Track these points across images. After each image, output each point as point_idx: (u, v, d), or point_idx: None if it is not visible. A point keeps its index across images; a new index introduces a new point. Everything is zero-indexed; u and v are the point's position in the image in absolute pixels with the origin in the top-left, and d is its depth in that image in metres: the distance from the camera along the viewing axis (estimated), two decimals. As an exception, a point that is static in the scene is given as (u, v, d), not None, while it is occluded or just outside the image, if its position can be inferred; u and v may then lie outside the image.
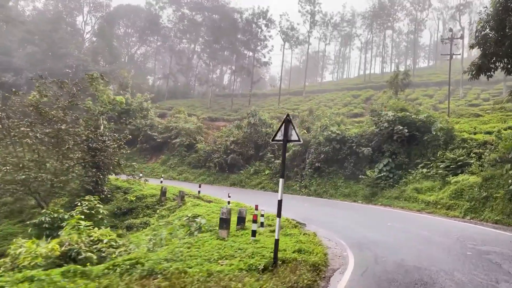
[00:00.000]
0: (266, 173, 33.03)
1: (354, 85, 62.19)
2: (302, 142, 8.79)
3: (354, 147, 28.64)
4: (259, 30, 58.16)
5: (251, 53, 60.26)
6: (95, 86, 20.73)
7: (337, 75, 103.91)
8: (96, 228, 11.46)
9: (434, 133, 25.47)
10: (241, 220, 12.50)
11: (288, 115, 8.13)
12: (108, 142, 20.38)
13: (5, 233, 16.27)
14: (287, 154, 32.80)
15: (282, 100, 58.93)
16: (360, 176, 26.78)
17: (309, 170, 30.23)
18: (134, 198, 18.91)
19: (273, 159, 33.43)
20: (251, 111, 34.49)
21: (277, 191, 28.03)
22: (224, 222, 11.06)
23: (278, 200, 7.76)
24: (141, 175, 23.41)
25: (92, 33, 62.07)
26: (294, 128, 7.75)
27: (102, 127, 20.61)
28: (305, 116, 36.21)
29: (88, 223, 11.66)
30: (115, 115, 21.05)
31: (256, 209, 14.59)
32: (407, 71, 36.18)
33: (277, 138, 7.86)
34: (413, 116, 27.18)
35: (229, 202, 17.62)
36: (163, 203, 18.22)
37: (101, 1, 72.10)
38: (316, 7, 60.27)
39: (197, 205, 17.51)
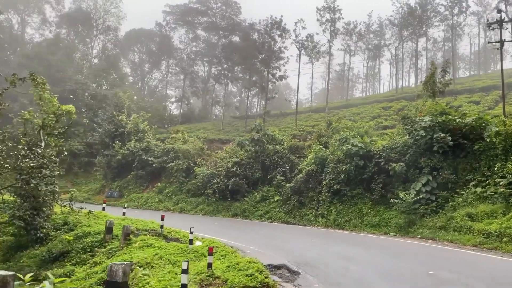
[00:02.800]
0: (275, 199, 27.91)
1: (385, 97, 56.52)
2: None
3: (382, 163, 23.18)
4: (273, 42, 54.24)
5: (266, 69, 56.22)
6: (38, 94, 16.93)
7: (366, 92, 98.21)
8: None
9: (488, 140, 19.70)
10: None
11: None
12: (49, 164, 16.22)
13: None
14: (299, 176, 27.74)
15: (301, 118, 54.05)
16: (392, 200, 21.21)
17: (327, 194, 24.88)
18: (71, 238, 14.36)
19: (283, 182, 28.33)
20: (256, 125, 29.77)
21: (288, 222, 22.83)
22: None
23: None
24: (80, 206, 19.14)
25: (96, 56, 60.71)
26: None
27: (43, 144, 16.51)
28: (322, 130, 31.11)
29: None
30: (61, 129, 17.01)
31: (210, 253, 9.63)
32: (447, 61, 30.52)
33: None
34: (457, 120, 21.57)
35: (191, 241, 12.67)
36: (106, 244, 13.53)
37: (109, 24, 71.25)
38: (337, 14, 55.98)
39: (148, 246, 12.70)
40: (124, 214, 19.36)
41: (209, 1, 77.46)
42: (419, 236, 18.05)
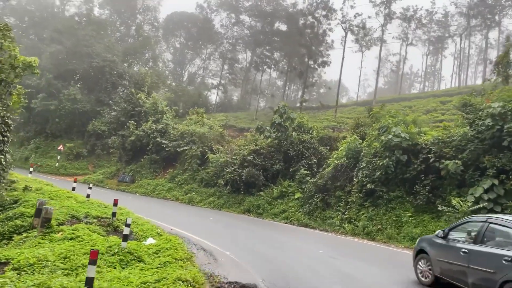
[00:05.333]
0: (296, 197, 23.74)
1: (444, 92, 49.86)
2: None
3: (431, 160, 18.36)
4: (316, 23, 49.42)
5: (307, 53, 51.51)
6: (4, 40, 14.13)
7: (423, 86, 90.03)
8: None
9: None
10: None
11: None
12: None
13: None
14: (326, 170, 23.39)
15: (344, 111, 49.01)
16: (441, 208, 16.49)
17: (358, 194, 20.37)
18: (-3, 219, 11.22)
19: (308, 178, 24.07)
20: (279, 107, 25.63)
21: (307, 225, 18.37)
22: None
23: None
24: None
25: (132, 35, 59.22)
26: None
27: (-5, 102, 13.61)
28: (360, 119, 26.41)
29: None
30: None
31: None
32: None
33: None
34: (539, 107, 16.27)
35: (124, 236, 9.02)
36: (34, 230, 10.23)
37: (148, 4, 69.87)
38: (394, -5, 50.05)
39: (72, 238, 9.24)
40: (88, 196, 16.09)
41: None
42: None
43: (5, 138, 14.11)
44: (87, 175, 41.43)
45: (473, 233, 8.63)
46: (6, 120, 14.22)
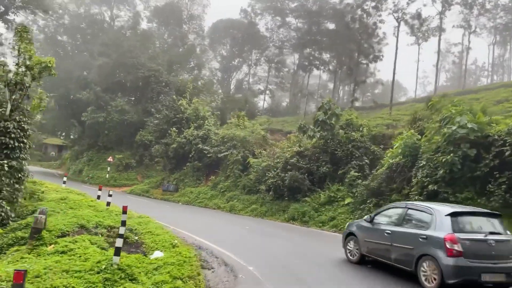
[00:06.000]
0: (346, 202, 21.37)
1: (516, 82, 44.56)
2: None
3: (507, 154, 15.43)
4: (365, 15, 46.33)
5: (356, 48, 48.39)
6: (22, 42, 13.55)
7: (491, 80, 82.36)
8: None
9: None
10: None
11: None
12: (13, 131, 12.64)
13: None
14: (379, 171, 20.84)
15: (402, 108, 45.36)
16: (523, 211, 13.52)
17: (418, 198, 17.65)
18: (2, 231, 10.28)
19: (359, 180, 21.63)
20: (323, 104, 23.41)
21: None
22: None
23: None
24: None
25: (177, 45, 59.70)
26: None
27: (9, 106, 12.97)
28: (418, 112, 23.53)
29: None
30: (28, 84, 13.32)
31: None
32: None
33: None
34: None
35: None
36: (33, 240, 9.11)
37: (193, 13, 70.45)
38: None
39: (63, 252, 7.94)
40: (108, 204, 14.97)
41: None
42: None
43: (21, 144, 13.44)
44: (135, 185, 41.62)
45: (394, 217, 10.29)
46: (23, 125, 13.56)
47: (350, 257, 11.31)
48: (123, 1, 71.05)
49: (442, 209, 9.27)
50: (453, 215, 8.93)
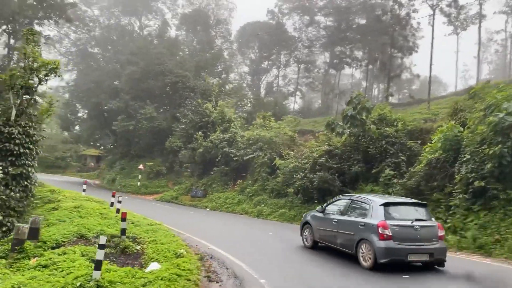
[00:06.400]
0: (382, 203, 19.46)
1: None
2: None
3: None
4: (397, 5, 43.92)
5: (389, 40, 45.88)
6: (28, 45, 13.03)
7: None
8: None
9: None
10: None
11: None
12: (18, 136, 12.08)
13: None
14: (418, 167, 19.09)
15: (441, 102, 42.58)
16: None
17: (463, 196, 15.85)
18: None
19: (396, 178, 19.88)
20: (352, 98, 21.73)
21: None
22: None
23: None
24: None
25: (204, 50, 59.44)
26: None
27: (14, 111, 12.44)
28: (459, 103, 21.44)
29: None
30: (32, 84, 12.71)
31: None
32: None
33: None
34: None
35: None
36: (15, 253, 8.30)
37: (219, 18, 70.16)
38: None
39: (45, 266, 7.00)
40: (118, 211, 14.08)
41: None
42: None
43: (27, 151, 12.87)
44: (164, 193, 41.31)
45: (341, 208, 11.64)
46: (28, 131, 13.00)
47: (306, 243, 12.98)
48: (152, 10, 71.97)
49: (377, 200, 10.59)
50: (386, 205, 10.30)
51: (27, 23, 28.57)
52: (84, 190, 20.28)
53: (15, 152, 12.50)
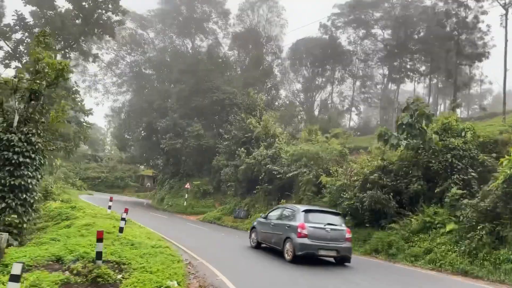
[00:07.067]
0: (448, 229, 16.34)
1: None
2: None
3: None
4: (463, 9, 39.65)
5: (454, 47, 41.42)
6: (38, 47, 12.03)
7: None
8: None
9: None
10: None
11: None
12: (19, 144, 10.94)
13: None
14: (494, 184, 15.66)
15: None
16: None
17: (557, 221, 12.25)
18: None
19: (465, 199, 16.50)
20: (408, 103, 18.65)
21: (466, 273, 10.25)
22: None
23: None
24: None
25: (249, 65, 58.50)
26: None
27: (16, 117, 11.36)
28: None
29: None
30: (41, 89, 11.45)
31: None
32: None
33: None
34: None
35: None
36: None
37: (270, 35, 69.23)
38: None
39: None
40: (121, 230, 12.27)
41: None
42: None
43: (27, 160, 11.64)
44: (207, 213, 39.79)
45: (278, 214, 15.26)
46: (30, 138, 11.82)
47: (252, 244, 16.20)
48: (205, 31, 73.01)
49: (301, 208, 13.99)
50: (306, 211, 13.57)
51: (72, 40, 29.15)
52: (109, 207, 19.08)
53: (13, 161, 11.36)
